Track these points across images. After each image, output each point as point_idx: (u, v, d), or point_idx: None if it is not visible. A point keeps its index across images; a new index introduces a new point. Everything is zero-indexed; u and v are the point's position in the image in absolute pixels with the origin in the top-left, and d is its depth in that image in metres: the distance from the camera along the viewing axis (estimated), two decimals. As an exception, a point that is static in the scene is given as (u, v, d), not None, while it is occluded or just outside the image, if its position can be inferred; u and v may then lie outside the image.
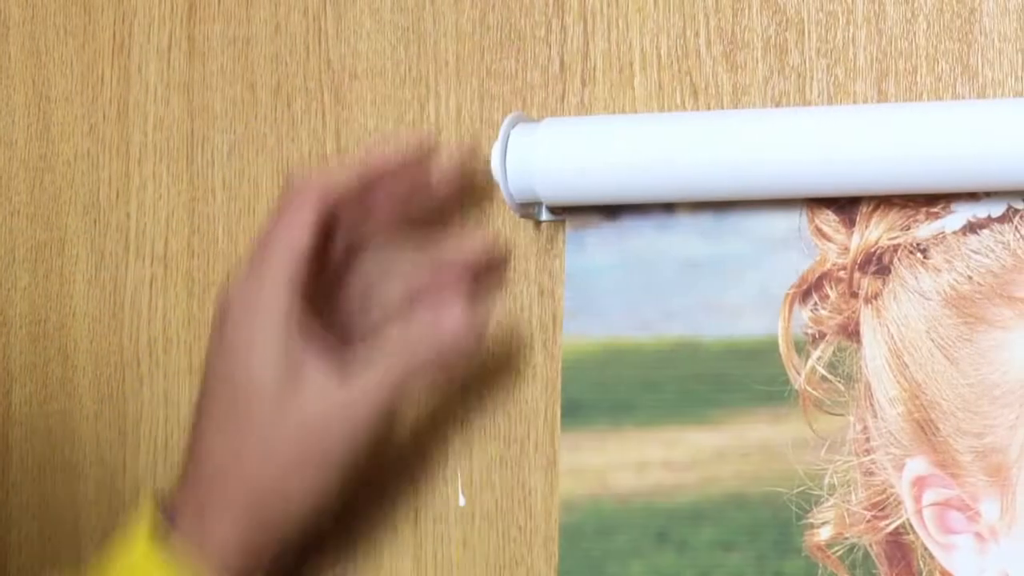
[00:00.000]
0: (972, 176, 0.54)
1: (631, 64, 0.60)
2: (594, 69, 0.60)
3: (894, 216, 0.57)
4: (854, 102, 0.58)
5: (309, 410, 0.56)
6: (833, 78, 0.58)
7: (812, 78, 0.58)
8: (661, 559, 0.59)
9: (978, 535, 0.55)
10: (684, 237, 0.59)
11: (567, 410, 0.60)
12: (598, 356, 0.60)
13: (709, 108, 0.59)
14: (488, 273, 0.60)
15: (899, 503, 0.56)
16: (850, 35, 0.58)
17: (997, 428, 0.55)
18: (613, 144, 0.57)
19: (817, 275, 0.58)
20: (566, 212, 0.60)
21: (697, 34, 0.59)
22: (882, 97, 0.58)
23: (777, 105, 0.59)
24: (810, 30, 0.58)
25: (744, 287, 0.58)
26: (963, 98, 0.57)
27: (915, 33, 0.58)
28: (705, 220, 0.59)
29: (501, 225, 0.61)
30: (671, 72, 0.59)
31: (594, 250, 0.60)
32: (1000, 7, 0.57)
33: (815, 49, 0.58)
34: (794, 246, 0.58)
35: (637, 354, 0.60)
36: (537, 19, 0.62)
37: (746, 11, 0.59)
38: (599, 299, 0.60)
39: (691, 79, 0.59)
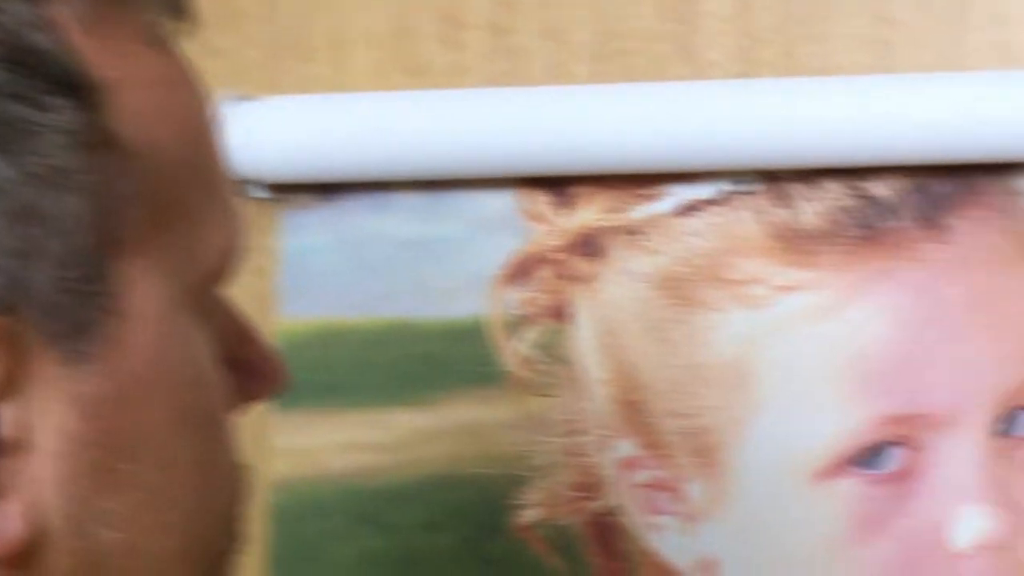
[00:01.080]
0: (683, 157, 0.56)
1: (350, 43, 0.60)
2: (313, 48, 0.61)
3: (607, 198, 0.58)
4: (574, 83, 0.59)
5: None
6: (553, 58, 0.59)
7: (532, 58, 0.59)
8: (370, 540, 0.59)
9: (684, 516, 0.57)
10: (399, 218, 0.60)
11: (280, 391, 0.59)
12: (313, 337, 0.60)
13: (428, 88, 0.60)
14: None
15: (606, 484, 0.57)
16: (571, 16, 0.59)
17: (706, 410, 0.57)
18: (329, 123, 0.58)
19: (529, 257, 0.59)
20: (283, 191, 0.60)
21: (417, 13, 0.59)
22: (602, 78, 0.59)
23: (497, 85, 0.59)
24: (531, 11, 0.59)
25: (457, 268, 0.59)
26: (682, 80, 0.59)
27: (636, 15, 0.59)
28: (420, 201, 0.60)
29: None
30: (389, 51, 0.60)
31: (310, 231, 0.61)
32: (719, -10, 0.59)
33: (534, 29, 0.59)
34: (507, 228, 0.59)
35: (351, 335, 0.60)
36: (257, -4, 0.63)
37: (466, -10, 0.61)
38: (314, 280, 0.61)
39: (409, 58, 0.60)
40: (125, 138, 0.44)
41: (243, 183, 0.59)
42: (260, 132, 0.58)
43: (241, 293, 0.62)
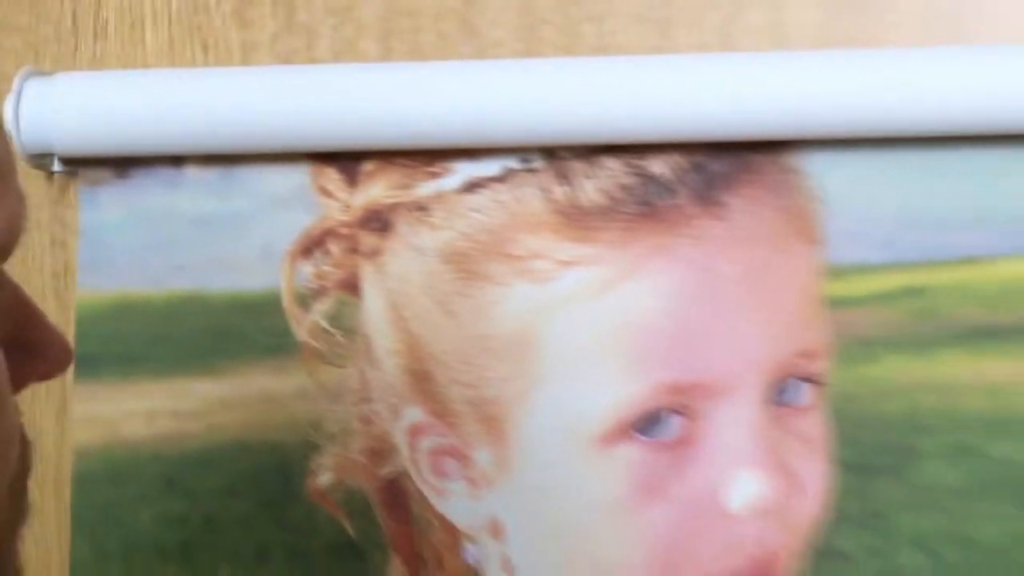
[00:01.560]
0: (469, 134, 0.57)
1: (143, 20, 0.60)
2: (106, 24, 0.61)
3: (395, 175, 0.59)
4: (362, 60, 0.60)
5: None
6: (341, 36, 0.60)
7: (320, 35, 0.60)
8: (170, 505, 0.61)
9: (471, 481, 0.59)
10: (192, 194, 0.61)
11: (80, 361, 0.60)
12: (110, 309, 0.61)
13: (219, 64, 0.61)
14: None
15: (396, 450, 0.59)
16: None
17: (492, 380, 0.58)
18: (123, 99, 0.58)
19: (320, 231, 0.60)
20: (80, 164, 0.61)
21: (210, -9, 0.60)
22: (390, 55, 0.60)
23: (286, 62, 0.60)
24: (320, -11, 0.60)
25: (249, 243, 0.60)
26: (467, 58, 0.60)
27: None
28: (213, 178, 0.61)
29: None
30: (182, 28, 0.60)
31: (107, 206, 0.61)
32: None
33: (323, 7, 0.60)
34: (299, 204, 0.60)
35: (147, 308, 0.61)
36: (50, -27, 0.63)
37: (255, -31, 0.61)
38: (111, 254, 0.61)
39: (201, 35, 0.60)
40: None
41: (40, 157, 0.60)
42: (55, 107, 0.58)
43: (41, 266, 0.63)
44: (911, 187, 0.59)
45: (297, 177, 0.60)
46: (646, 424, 0.57)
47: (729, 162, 0.57)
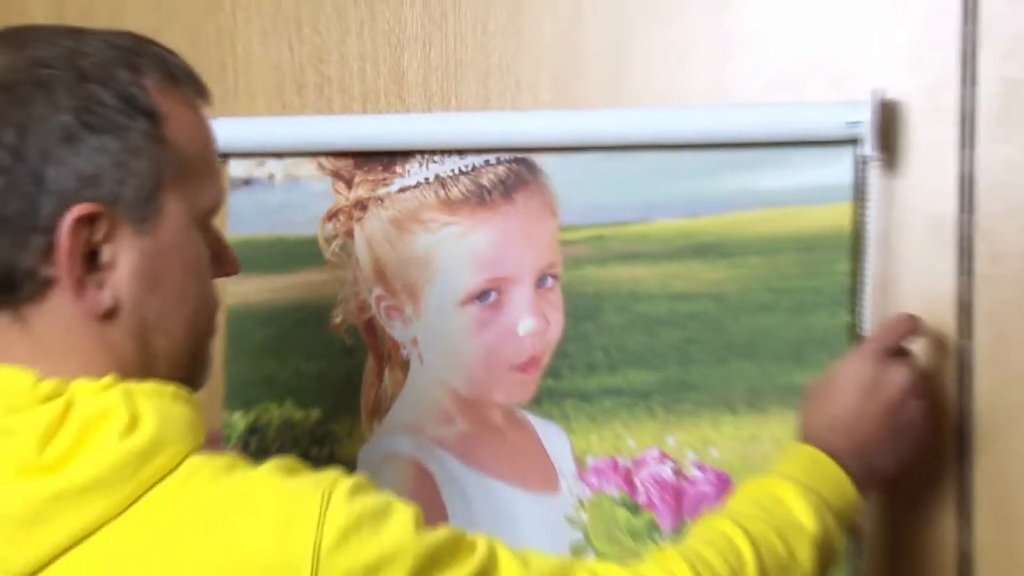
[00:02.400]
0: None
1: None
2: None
3: (368, 185, 1.25)
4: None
5: None
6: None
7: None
8: (267, 331, 1.31)
9: (404, 321, 1.25)
10: (281, 191, 1.30)
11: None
12: (252, 244, 1.28)
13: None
14: None
15: (370, 307, 1.26)
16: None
17: (412, 275, 1.24)
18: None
19: (335, 210, 1.26)
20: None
21: None
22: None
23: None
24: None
25: (307, 215, 1.27)
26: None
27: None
28: (292, 184, 1.29)
29: None
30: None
31: (247, 194, 1.29)
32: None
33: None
34: (327, 197, 1.26)
35: (259, 243, 1.29)
36: None
37: None
38: (249, 215, 1.29)
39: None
40: (169, 138, 0.85)
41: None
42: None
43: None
44: (602, 183, 1.19)
45: (325, 184, 1.26)
46: (480, 296, 1.22)
47: (515, 178, 1.22)
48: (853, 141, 1.09)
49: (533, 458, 1.22)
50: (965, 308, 1.11)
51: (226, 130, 1.00)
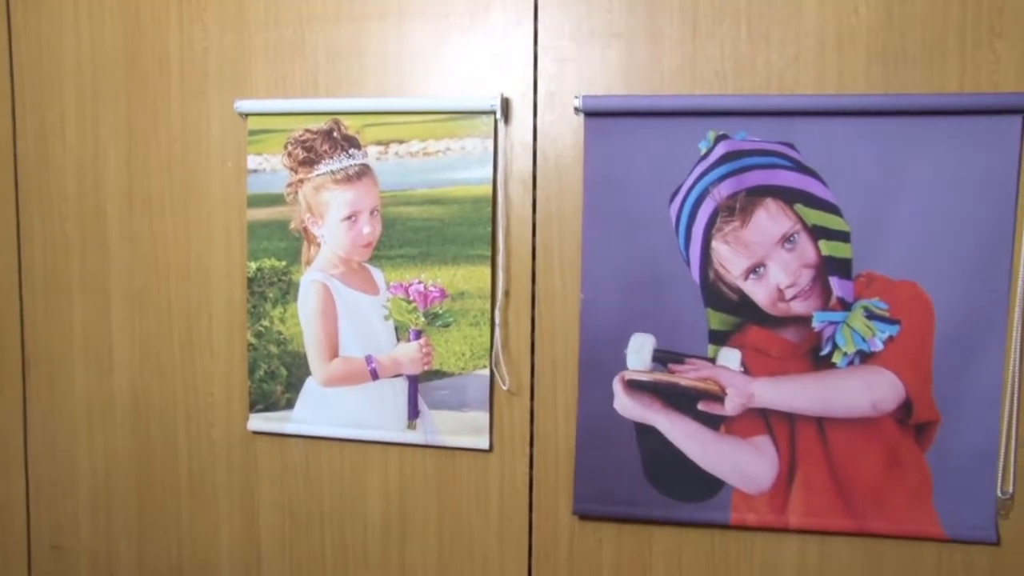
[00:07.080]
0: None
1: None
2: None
3: (305, 170, 3.09)
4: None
5: None
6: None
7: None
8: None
9: (318, 226, 3.08)
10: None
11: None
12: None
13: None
14: None
15: (304, 221, 3.11)
16: None
17: (322, 209, 3.10)
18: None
19: (291, 181, 3.04)
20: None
21: None
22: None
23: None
24: None
25: (278, 185, 3.09)
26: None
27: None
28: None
29: None
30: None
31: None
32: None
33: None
34: (288, 176, 3.10)
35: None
36: None
37: None
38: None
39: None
40: None
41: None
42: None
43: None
44: (412, 162, 3.01)
45: (287, 172, 3.06)
46: (348, 218, 3.01)
47: (361, 169, 3.04)
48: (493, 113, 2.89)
49: (370, 281, 2.99)
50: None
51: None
